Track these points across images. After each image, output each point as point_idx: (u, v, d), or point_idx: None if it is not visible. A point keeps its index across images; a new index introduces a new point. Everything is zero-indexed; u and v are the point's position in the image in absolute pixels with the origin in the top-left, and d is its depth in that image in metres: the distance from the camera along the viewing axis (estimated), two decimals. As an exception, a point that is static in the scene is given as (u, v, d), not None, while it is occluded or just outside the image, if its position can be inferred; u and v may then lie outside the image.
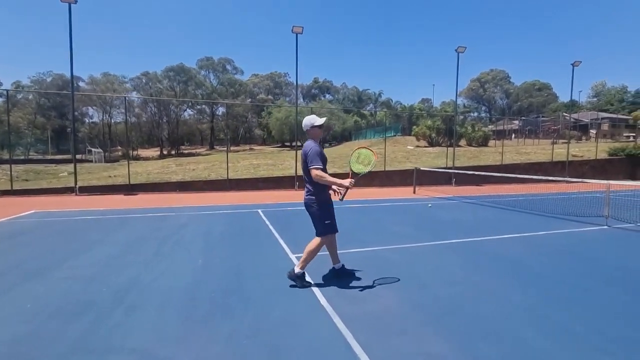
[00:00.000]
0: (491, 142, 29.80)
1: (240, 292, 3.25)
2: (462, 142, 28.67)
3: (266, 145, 49.93)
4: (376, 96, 60.46)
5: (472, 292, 3.31)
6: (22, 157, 33.71)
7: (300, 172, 13.94)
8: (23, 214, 7.58)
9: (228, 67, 55.75)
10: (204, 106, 51.30)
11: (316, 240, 3.38)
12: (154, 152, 46.44)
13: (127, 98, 38.32)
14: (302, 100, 58.34)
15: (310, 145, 3.30)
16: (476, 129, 30.25)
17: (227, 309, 2.91)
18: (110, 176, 17.13)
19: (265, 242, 5.22)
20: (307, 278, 3.47)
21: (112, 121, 51.12)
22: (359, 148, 3.57)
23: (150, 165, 20.73)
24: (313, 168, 3.20)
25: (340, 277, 3.60)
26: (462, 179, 14.70)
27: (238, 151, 35.84)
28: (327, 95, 64.48)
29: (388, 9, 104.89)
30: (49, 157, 34.55)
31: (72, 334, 2.48)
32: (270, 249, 4.81)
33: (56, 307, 2.91)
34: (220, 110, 52.43)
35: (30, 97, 46.18)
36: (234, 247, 4.92)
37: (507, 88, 65.19)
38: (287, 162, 19.15)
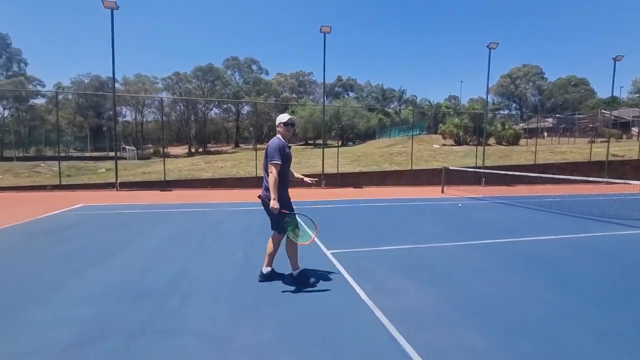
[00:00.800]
0: (522, 141, 28.67)
1: (282, 285, 3.45)
2: (491, 140, 27.78)
3: (290, 143, 50.51)
4: (400, 93, 59.56)
5: (509, 292, 3.33)
6: (63, 154, 35.96)
7: (327, 170, 14.17)
8: (73, 207, 8.21)
9: (253, 67, 56.85)
10: (229, 105, 52.59)
11: (273, 237, 3.41)
12: (182, 149, 48.13)
13: (162, 99, 40.14)
14: (325, 98, 58.53)
15: (274, 141, 3.30)
16: (506, 127, 29.19)
17: (273, 299, 3.10)
18: (144, 172, 18.03)
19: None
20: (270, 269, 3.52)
21: (144, 120, 53.57)
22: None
23: (181, 163, 21.59)
24: (272, 163, 3.17)
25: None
26: (492, 179, 14.32)
27: (263, 149, 36.50)
28: (351, 93, 64.21)
29: (415, 4, 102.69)
30: (88, 154, 36.65)
31: (139, 316, 2.75)
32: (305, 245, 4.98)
33: (119, 292, 3.22)
34: (246, 109, 53.58)
35: (70, 97, 49.19)
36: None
37: (540, 84, 62.21)
38: (312, 160, 19.37)
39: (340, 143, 29.60)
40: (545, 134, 35.24)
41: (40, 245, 4.84)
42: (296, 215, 3.43)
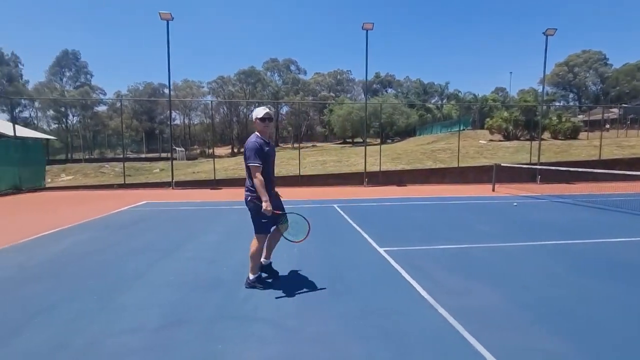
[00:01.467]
0: (582, 134, 26.25)
1: (342, 280, 3.53)
2: (545, 134, 25.75)
3: (328, 142, 50.77)
4: (443, 88, 57.22)
5: (582, 295, 3.12)
6: (121, 156, 39.30)
7: (368, 168, 14.08)
8: (138, 204, 8.98)
9: (292, 67, 57.92)
10: (269, 105, 54.16)
11: (254, 240, 3.27)
12: (225, 150, 50.37)
13: (211, 103, 42.48)
14: (363, 96, 57.90)
15: (250, 141, 3.15)
16: (563, 119, 26.87)
17: (333, 293, 3.20)
18: (194, 172, 19.18)
19: (349, 235, 5.47)
20: (263, 276, 3.44)
21: (191, 122, 56.96)
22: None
23: (226, 162, 22.66)
24: (250, 165, 3.08)
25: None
26: (549, 176, 13.30)
27: (302, 148, 37.00)
28: (390, 90, 62.93)
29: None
30: (143, 155, 39.67)
31: (213, 303, 2.98)
32: (356, 242, 5.04)
33: (192, 281, 3.50)
34: (285, 109, 54.80)
35: (126, 103, 53.62)
36: (323, 238, 5.23)
37: (602, 71, 56.30)
38: (352, 159, 19.35)
39: (379, 141, 29.20)
40: (608, 126, 31.89)
41: (119, 237, 5.38)
42: (287, 215, 3.35)
